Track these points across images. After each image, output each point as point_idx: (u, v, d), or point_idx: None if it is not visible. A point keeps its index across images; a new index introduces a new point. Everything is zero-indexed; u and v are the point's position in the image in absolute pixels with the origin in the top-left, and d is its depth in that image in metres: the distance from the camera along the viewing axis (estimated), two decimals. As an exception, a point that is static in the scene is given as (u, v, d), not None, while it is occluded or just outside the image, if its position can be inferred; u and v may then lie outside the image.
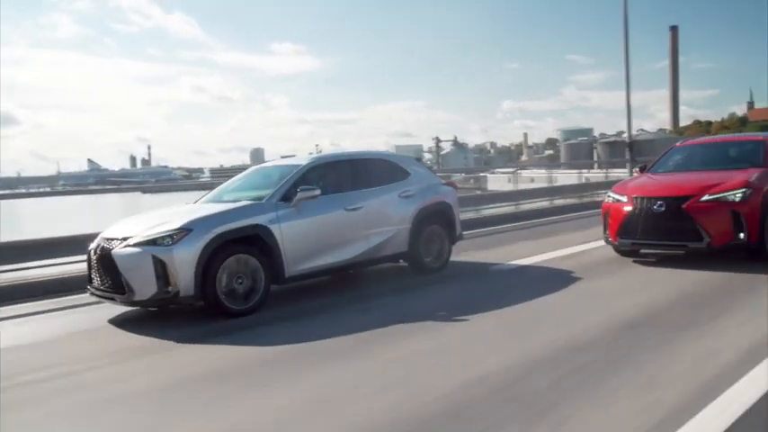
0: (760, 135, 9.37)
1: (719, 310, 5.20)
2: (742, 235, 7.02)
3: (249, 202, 6.24)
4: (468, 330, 5.06)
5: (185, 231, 5.55)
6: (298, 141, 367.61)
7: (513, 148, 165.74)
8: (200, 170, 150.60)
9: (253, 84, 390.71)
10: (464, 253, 8.74)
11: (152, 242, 5.54)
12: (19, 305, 7.01)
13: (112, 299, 5.76)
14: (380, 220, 7.12)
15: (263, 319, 5.68)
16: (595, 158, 64.61)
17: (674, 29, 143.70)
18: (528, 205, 15.83)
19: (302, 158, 7.32)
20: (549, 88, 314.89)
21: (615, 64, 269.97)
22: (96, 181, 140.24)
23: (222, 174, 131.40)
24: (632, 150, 19.14)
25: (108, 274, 5.70)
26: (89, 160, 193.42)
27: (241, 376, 4.21)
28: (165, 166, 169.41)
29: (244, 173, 7.99)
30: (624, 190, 8.01)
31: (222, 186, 7.58)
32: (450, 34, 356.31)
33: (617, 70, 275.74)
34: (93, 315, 6.26)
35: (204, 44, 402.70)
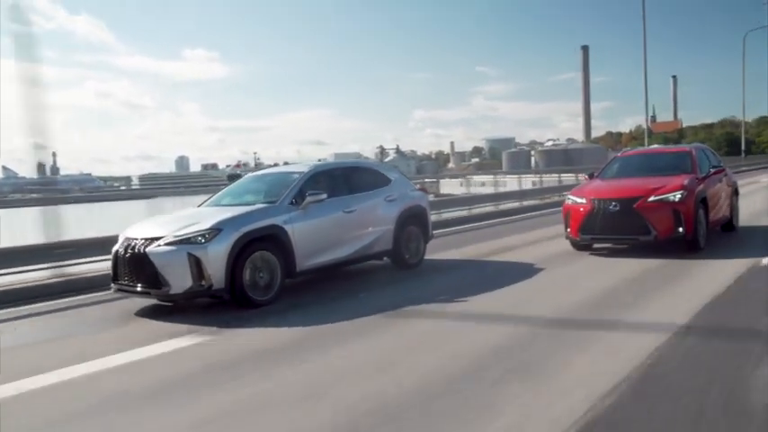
0: (686, 147, 10.73)
1: (666, 286, 6.37)
2: (681, 229, 8.22)
3: (265, 205, 6.79)
4: (467, 310, 5.84)
5: (216, 231, 6.06)
6: (207, 150, 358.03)
7: (433, 156, 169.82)
8: (128, 178, 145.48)
9: (163, 90, 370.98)
10: (436, 252, 9.52)
11: (186, 241, 6.02)
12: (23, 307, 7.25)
13: (147, 293, 6.17)
14: (371, 222, 7.82)
15: (283, 308, 6.26)
16: (533, 165, 68.24)
17: (585, 48, 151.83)
18: (479, 209, 16.94)
19: (303, 166, 7.89)
20: (459, 98, 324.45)
21: (522, 76, 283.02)
22: (14, 189, 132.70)
23: (152, 180, 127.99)
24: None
25: (142, 271, 6.11)
26: (3, 167, 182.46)
27: (289, 350, 4.81)
28: (89, 174, 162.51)
29: (241, 179, 8.53)
30: (582, 193, 9.06)
31: (223, 192, 8.04)
32: (360, 44, 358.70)
33: (523, 82, 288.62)
34: (111, 311, 6.65)
35: (113, 48, 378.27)
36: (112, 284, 6.58)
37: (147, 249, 6.06)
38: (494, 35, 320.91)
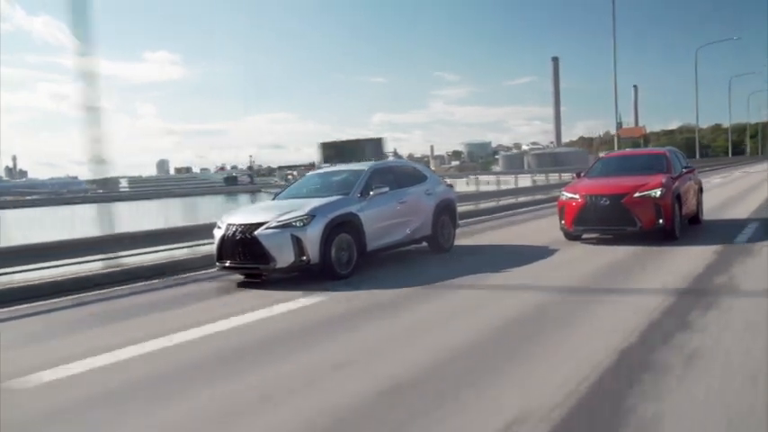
0: (661, 149, 12.27)
1: (650, 266, 7.79)
2: (661, 221, 9.57)
3: (341, 196, 8.19)
4: (510, 279, 7.33)
5: (311, 216, 7.47)
6: (164, 153, 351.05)
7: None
8: (116, 180, 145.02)
9: (120, 93, 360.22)
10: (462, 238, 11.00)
11: (288, 225, 7.41)
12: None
13: (255, 268, 7.57)
14: (417, 211, 9.28)
15: (360, 279, 7.65)
16: (526, 167, 71.87)
17: (555, 59, 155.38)
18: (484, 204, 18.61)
19: (362, 165, 9.32)
20: (417, 102, 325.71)
21: (478, 80, 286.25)
22: (1, 192, 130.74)
23: (141, 184, 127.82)
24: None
25: (251, 250, 7.46)
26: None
27: (384, 307, 6.22)
28: (75, 177, 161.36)
29: (304, 177, 9.96)
30: (575, 190, 10.44)
31: (291, 187, 9.48)
32: (319, 48, 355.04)
33: (479, 86, 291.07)
34: (215, 285, 7.99)
35: (71, 50, 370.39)
36: (217, 263, 7.90)
37: (255, 233, 7.42)
38: (451, 40, 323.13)
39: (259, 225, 7.49)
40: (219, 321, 5.86)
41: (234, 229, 7.65)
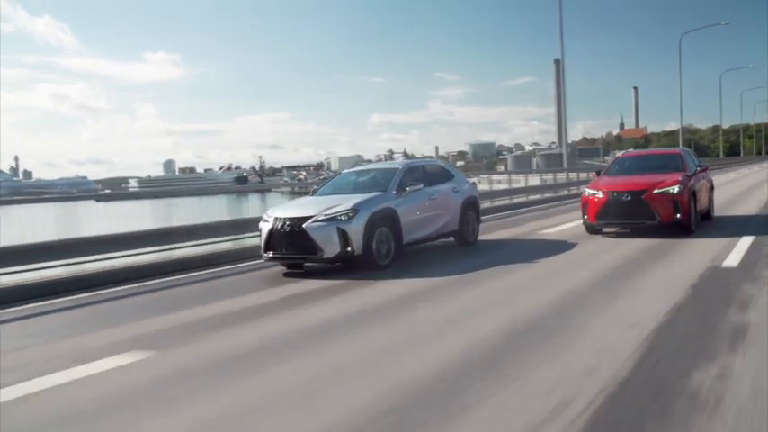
0: (676, 149, 12.74)
1: (667, 255, 8.22)
2: (678, 215, 10.07)
3: (381, 192, 8.63)
4: (544, 266, 7.76)
5: (355, 211, 7.91)
6: (162, 153, 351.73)
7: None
8: (125, 180, 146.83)
9: (120, 93, 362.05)
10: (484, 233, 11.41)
11: (334, 218, 7.86)
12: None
13: (303, 259, 8.03)
14: (446, 207, 9.71)
15: (398, 270, 8.06)
16: (534, 167, 72.55)
17: (557, 62, 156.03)
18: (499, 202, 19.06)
19: (395, 164, 9.76)
20: (416, 103, 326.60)
21: (477, 81, 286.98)
22: (11, 192, 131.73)
23: (151, 184, 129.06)
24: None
25: (300, 242, 7.90)
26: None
27: (427, 293, 6.65)
28: (84, 177, 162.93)
29: (339, 175, 10.39)
30: (597, 186, 10.92)
31: (329, 184, 9.93)
32: (319, 49, 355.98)
33: (478, 86, 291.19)
34: (264, 274, 8.43)
35: (74, 50, 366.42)
36: (264, 254, 8.33)
37: (304, 225, 7.85)
38: (450, 40, 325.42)
39: (307, 218, 7.92)
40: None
41: (282, 223, 8.07)
